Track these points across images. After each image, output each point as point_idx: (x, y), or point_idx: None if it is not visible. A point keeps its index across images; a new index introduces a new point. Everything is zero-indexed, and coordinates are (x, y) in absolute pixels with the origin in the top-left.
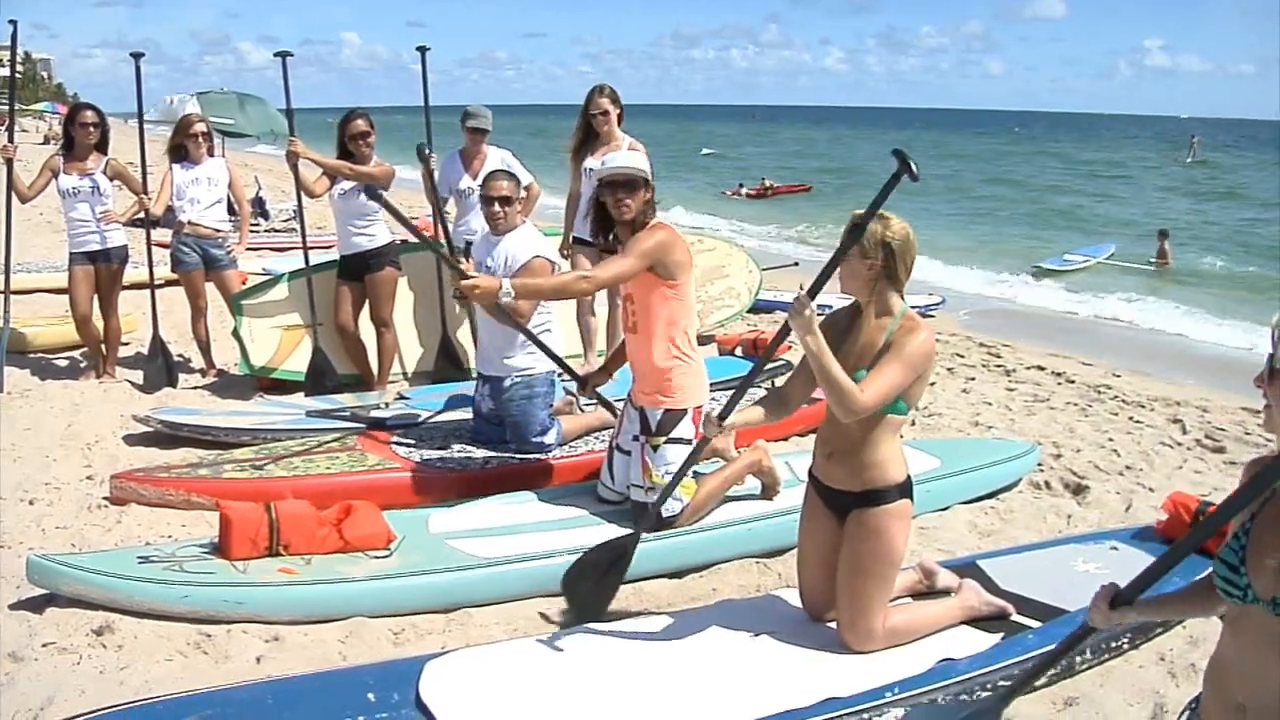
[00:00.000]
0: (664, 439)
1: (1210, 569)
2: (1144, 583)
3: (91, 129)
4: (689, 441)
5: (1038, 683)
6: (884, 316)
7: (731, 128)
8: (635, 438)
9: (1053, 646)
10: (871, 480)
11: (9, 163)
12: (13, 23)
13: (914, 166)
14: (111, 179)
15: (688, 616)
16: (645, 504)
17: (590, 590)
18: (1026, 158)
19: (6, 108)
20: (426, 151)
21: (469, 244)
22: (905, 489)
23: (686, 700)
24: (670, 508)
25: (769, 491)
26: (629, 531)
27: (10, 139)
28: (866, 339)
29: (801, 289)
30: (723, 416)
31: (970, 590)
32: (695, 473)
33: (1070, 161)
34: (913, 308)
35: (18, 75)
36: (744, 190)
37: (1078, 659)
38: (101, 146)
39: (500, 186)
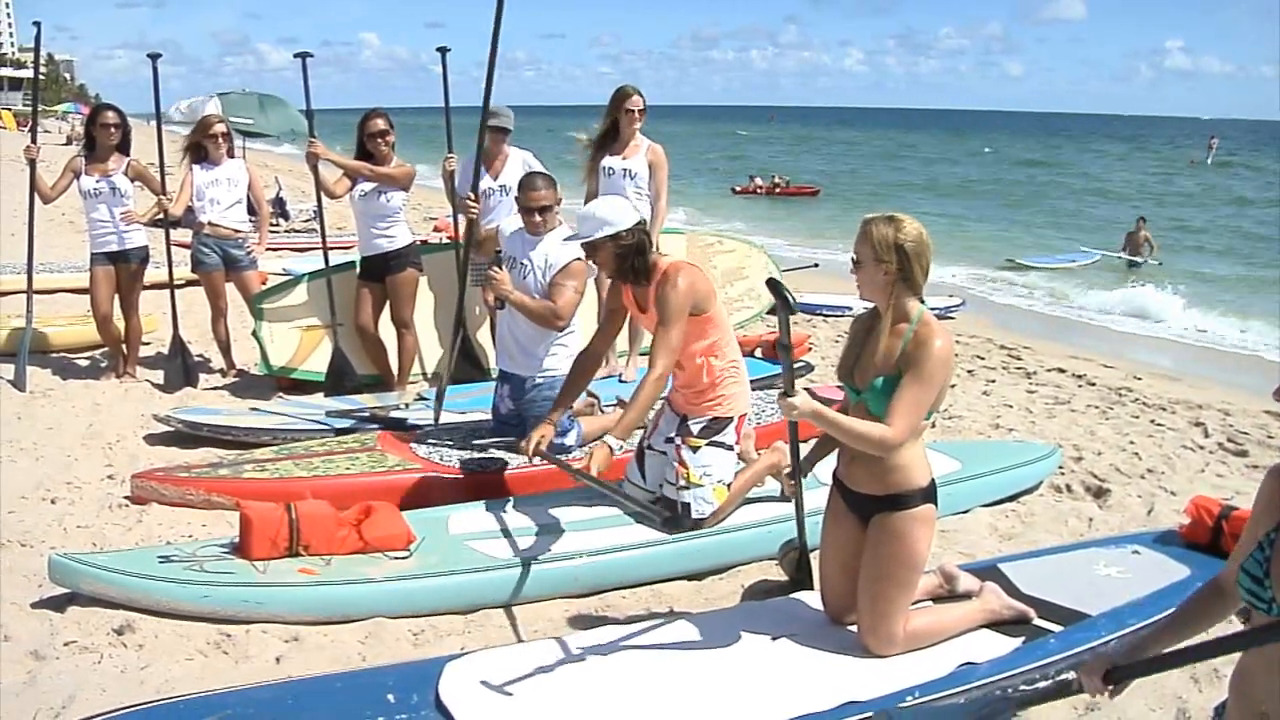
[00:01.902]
0: (705, 442)
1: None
2: (1140, 670)
3: (113, 130)
4: (730, 447)
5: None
6: (901, 322)
7: (702, 128)
8: (669, 439)
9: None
10: (895, 484)
11: (32, 163)
12: (36, 24)
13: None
14: (132, 180)
15: (707, 619)
16: (674, 500)
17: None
18: (1034, 158)
19: (30, 109)
20: None
21: (498, 253)
22: (929, 494)
23: (705, 703)
24: (700, 510)
25: (789, 493)
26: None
27: (33, 140)
28: (885, 346)
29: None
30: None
31: (991, 594)
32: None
33: (1080, 163)
34: (932, 309)
35: (41, 76)
36: (757, 182)
37: None
38: (123, 147)
39: (540, 196)
